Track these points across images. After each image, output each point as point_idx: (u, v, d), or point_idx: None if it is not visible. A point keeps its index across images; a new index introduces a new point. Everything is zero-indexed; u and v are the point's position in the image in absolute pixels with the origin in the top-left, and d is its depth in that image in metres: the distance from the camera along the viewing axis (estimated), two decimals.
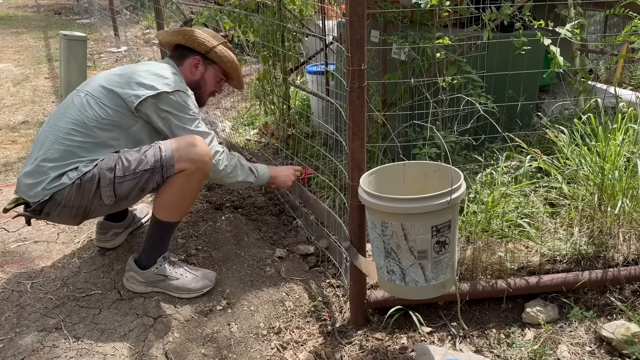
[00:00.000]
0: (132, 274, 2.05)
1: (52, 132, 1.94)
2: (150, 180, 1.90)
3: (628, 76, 4.22)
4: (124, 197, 1.91)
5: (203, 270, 2.13)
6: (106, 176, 1.87)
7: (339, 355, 1.84)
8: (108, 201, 1.89)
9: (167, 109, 1.98)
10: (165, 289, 2.05)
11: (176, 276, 2.05)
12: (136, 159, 1.90)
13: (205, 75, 2.24)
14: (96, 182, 1.87)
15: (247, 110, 4.34)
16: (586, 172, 2.20)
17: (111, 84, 1.99)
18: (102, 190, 1.87)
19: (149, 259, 2.05)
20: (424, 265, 1.61)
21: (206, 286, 2.08)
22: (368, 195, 1.61)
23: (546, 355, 1.75)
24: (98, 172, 1.87)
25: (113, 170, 1.88)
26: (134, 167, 1.88)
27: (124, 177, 1.88)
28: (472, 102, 2.05)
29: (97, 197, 1.89)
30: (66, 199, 1.87)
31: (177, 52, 2.21)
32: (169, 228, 2.04)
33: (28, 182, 1.89)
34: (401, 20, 2.57)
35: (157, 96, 1.96)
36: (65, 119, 1.95)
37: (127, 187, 1.89)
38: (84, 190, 1.87)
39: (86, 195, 1.88)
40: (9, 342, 1.83)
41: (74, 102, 1.99)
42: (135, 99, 1.94)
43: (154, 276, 2.04)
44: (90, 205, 1.90)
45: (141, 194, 1.95)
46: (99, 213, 2.00)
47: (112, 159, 1.90)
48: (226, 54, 2.26)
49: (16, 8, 12.72)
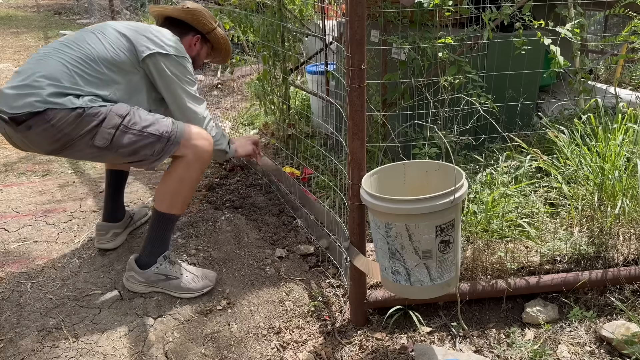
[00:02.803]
0: (132, 273, 2.05)
1: (57, 56, 1.90)
2: (149, 145, 1.91)
3: (628, 76, 4.22)
4: (115, 148, 1.89)
5: (203, 270, 2.13)
6: (113, 119, 1.86)
7: (339, 355, 1.84)
8: (100, 143, 1.86)
9: (173, 71, 2.03)
10: (165, 289, 2.05)
11: (176, 276, 2.05)
12: (148, 120, 1.93)
13: (200, 52, 2.33)
14: (99, 119, 1.84)
15: (247, 110, 4.34)
16: (586, 172, 2.20)
17: (125, 31, 2.03)
18: (101, 130, 1.85)
19: (149, 257, 2.05)
20: (429, 265, 1.61)
21: (206, 286, 2.08)
22: (371, 197, 1.61)
23: (546, 355, 1.75)
24: (106, 112, 1.86)
25: (123, 117, 1.88)
26: (143, 125, 1.91)
27: (129, 128, 1.88)
28: (472, 102, 2.05)
29: (90, 135, 1.85)
30: (59, 120, 1.80)
31: (178, 27, 2.25)
32: (170, 222, 2.05)
33: (17, 93, 1.81)
34: (401, 20, 2.57)
35: (166, 56, 2.02)
36: (75, 49, 1.93)
37: (127, 140, 1.88)
38: (82, 121, 1.83)
39: (81, 127, 1.83)
40: (9, 342, 1.83)
41: (84, 37, 1.99)
42: (146, 50, 1.99)
43: (154, 276, 2.04)
44: (76, 140, 1.85)
45: (132, 155, 1.93)
46: (79, 153, 1.94)
47: (124, 108, 1.91)
48: (223, 35, 2.37)
49: (16, 8, 12.72)
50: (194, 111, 2.09)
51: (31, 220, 2.61)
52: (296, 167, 3.05)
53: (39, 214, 2.67)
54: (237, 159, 3.36)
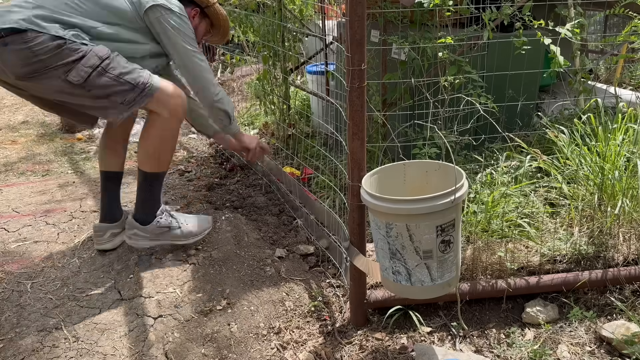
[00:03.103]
0: (134, 231, 2.13)
1: None
2: (122, 93, 1.92)
3: (628, 76, 4.22)
4: (87, 88, 1.89)
5: (198, 216, 2.27)
6: (92, 59, 1.86)
7: (339, 355, 1.84)
8: (74, 79, 1.85)
9: (176, 26, 2.05)
10: (170, 239, 2.17)
11: (178, 225, 2.17)
12: (127, 68, 1.93)
13: (198, 27, 2.33)
14: (79, 56, 1.84)
15: (247, 110, 4.34)
16: (586, 172, 2.20)
17: None
18: (78, 67, 1.84)
19: (147, 215, 2.13)
20: (430, 265, 1.61)
21: (207, 228, 2.25)
22: (372, 198, 1.61)
23: (546, 355, 1.75)
24: (87, 50, 1.85)
25: (102, 60, 1.87)
26: (121, 71, 1.91)
27: (106, 72, 1.88)
28: (472, 102, 2.05)
29: (66, 69, 1.84)
30: (37, 45, 1.79)
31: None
32: (157, 180, 2.14)
33: (4, 10, 1.82)
34: (401, 20, 2.57)
35: (169, 11, 2.04)
36: None
37: (101, 82, 1.88)
38: (60, 52, 1.82)
39: (57, 59, 1.82)
40: (9, 342, 1.83)
41: None
42: (150, 1, 2.01)
43: (157, 229, 2.13)
44: (50, 70, 1.83)
45: (102, 99, 1.93)
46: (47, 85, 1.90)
47: (105, 50, 1.90)
48: (222, 12, 2.38)
49: None
50: (200, 65, 2.12)
51: (31, 220, 2.61)
52: (296, 167, 3.05)
53: (39, 214, 2.67)
54: (237, 159, 3.36)
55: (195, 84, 2.16)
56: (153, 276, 2.12)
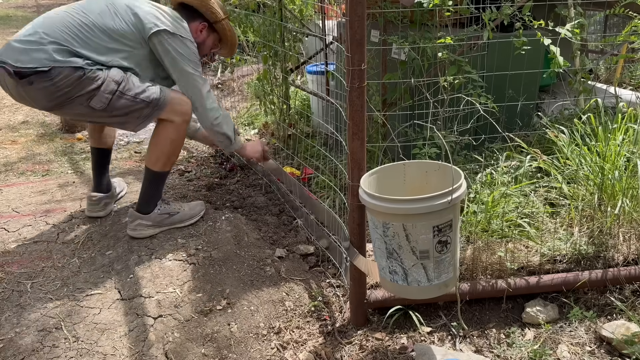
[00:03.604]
0: (138, 221, 2.30)
1: (62, 18, 2.04)
2: (139, 110, 2.12)
3: (628, 76, 4.22)
4: (110, 111, 2.07)
5: (191, 203, 2.48)
6: (111, 85, 2.03)
7: (339, 355, 1.84)
8: (98, 105, 2.03)
9: (179, 50, 2.16)
10: (172, 224, 2.36)
11: (177, 211, 2.38)
12: (140, 87, 2.10)
13: (206, 40, 2.41)
14: (98, 84, 2.00)
15: (247, 110, 4.34)
16: (586, 172, 2.20)
17: (135, 6, 2.15)
18: (99, 94, 2.02)
19: (148, 206, 2.32)
20: (426, 265, 1.61)
21: (202, 210, 2.48)
22: (369, 197, 1.61)
23: (546, 355, 1.75)
24: (104, 77, 2.02)
25: (119, 83, 2.05)
26: (135, 92, 2.09)
27: (124, 94, 2.06)
28: (472, 102, 2.05)
29: (88, 97, 2.01)
30: (61, 79, 1.94)
31: (187, 11, 2.34)
32: (164, 177, 2.37)
33: (22, 47, 1.95)
34: (401, 20, 2.57)
35: (172, 35, 2.14)
36: (80, 14, 2.06)
37: (122, 104, 2.07)
38: (82, 82, 1.98)
39: (80, 88, 1.98)
40: (9, 342, 1.83)
41: (92, 5, 2.12)
42: (154, 27, 2.11)
43: (159, 216, 2.32)
44: (75, 99, 2.01)
45: (122, 117, 2.13)
46: (74, 113, 2.10)
47: (120, 74, 2.06)
48: (230, 28, 2.46)
49: (16, 8, 12.72)
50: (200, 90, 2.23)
51: (31, 220, 2.61)
52: (296, 167, 3.05)
53: (39, 214, 2.67)
54: (237, 159, 3.36)
55: (195, 106, 2.26)
56: (153, 276, 2.12)
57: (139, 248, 2.29)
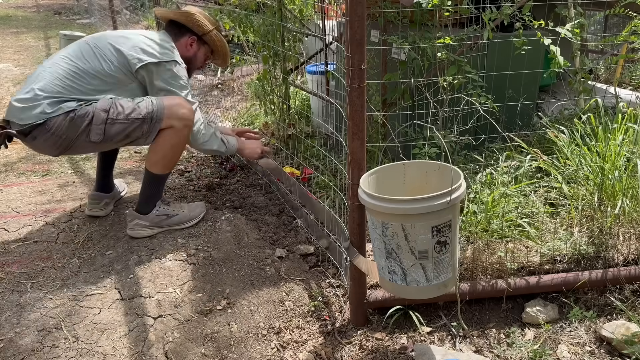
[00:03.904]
0: (136, 221, 2.31)
1: (53, 70, 2.12)
2: (137, 128, 2.14)
3: (628, 76, 4.22)
4: (110, 138, 2.13)
5: (191, 204, 2.48)
6: (100, 115, 2.08)
7: (339, 355, 1.84)
8: (95, 138, 2.10)
9: (164, 76, 2.23)
10: (169, 226, 2.36)
11: (175, 212, 2.37)
12: (130, 107, 2.13)
13: (197, 54, 2.48)
14: (89, 119, 2.07)
15: (247, 110, 4.34)
16: (586, 172, 2.20)
17: (119, 44, 2.21)
18: (93, 128, 2.07)
19: (147, 206, 2.33)
20: (425, 265, 1.61)
21: (202, 212, 2.46)
22: (368, 197, 1.61)
23: (546, 355, 1.75)
24: (92, 110, 2.08)
25: (107, 111, 2.09)
26: (127, 113, 2.12)
27: (116, 119, 2.10)
28: (472, 102, 2.05)
29: (85, 134, 2.08)
30: (57, 128, 2.04)
31: (175, 28, 2.42)
32: (163, 179, 2.39)
33: (21, 106, 2.05)
34: (401, 20, 2.57)
35: (157, 64, 2.21)
36: (69, 63, 2.15)
37: (117, 130, 2.12)
38: (74, 123, 2.06)
39: (75, 129, 2.07)
40: (9, 342, 1.83)
41: (80, 50, 2.20)
42: (139, 62, 2.19)
43: (157, 217, 2.32)
44: (76, 140, 2.10)
45: (125, 139, 2.17)
46: (82, 149, 2.23)
47: (107, 102, 2.12)
48: (220, 39, 2.51)
49: (16, 8, 12.72)
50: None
51: (31, 220, 2.61)
52: (296, 167, 3.05)
53: (39, 214, 2.67)
54: (237, 159, 3.37)
55: None
56: (153, 276, 2.12)
57: (139, 248, 2.29)
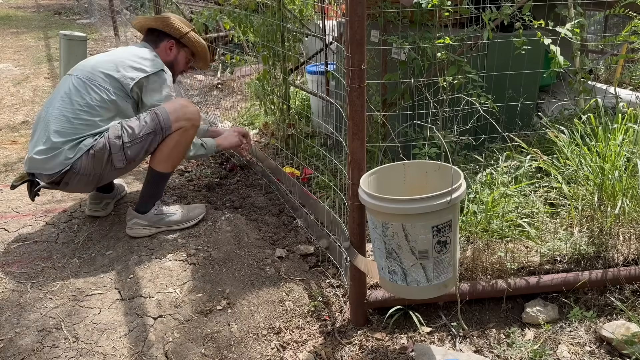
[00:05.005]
0: (135, 220, 2.33)
1: (59, 114, 2.17)
2: (153, 141, 2.22)
3: (628, 76, 4.21)
4: (132, 159, 2.22)
5: (191, 205, 2.50)
6: (116, 144, 2.16)
7: (339, 355, 1.84)
8: (120, 165, 2.19)
9: (152, 86, 2.30)
10: (167, 226, 2.37)
11: (174, 212, 2.40)
12: (138, 126, 2.19)
13: (177, 57, 2.54)
14: (108, 150, 2.15)
15: (247, 110, 4.34)
16: (586, 172, 2.20)
17: (108, 69, 2.26)
18: (114, 157, 2.17)
19: (147, 205, 2.35)
20: (425, 265, 1.61)
21: (201, 213, 2.47)
22: (368, 197, 1.61)
23: (546, 355, 1.75)
24: (107, 141, 2.15)
25: (120, 137, 2.16)
26: (137, 132, 2.18)
27: (131, 142, 2.18)
28: (472, 102, 2.05)
29: (110, 164, 2.18)
30: (84, 168, 2.14)
31: (153, 36, 2.49)
32: (166, 178, 2.41)
33: (43, 157, 2.12)
34: (401, 20, 2.57)
35: (147, 77, 2.29)
36: (71, 102, 2.19)
37: (136, 151, 2.20)
38: (97, 159, 2.14)
39: (100, 164, 2.16)
40: (9, 342, 1.83)
41: (76, 87, 2.23)
42: (131, 81, 2.25)
43: (155, 216, 2.34)
44: (103, 172, 2.20)
45: (146, 154, 2.26)
46: (111, 177, 2.33)
47: (117, 129, 2.19)
48: (198, 39, 2.56)
49: (16, 8, 12.72)
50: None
51: (31, 220, 2.61)
52: (296, 167, 3.05)
53: (39, 214, 2.67)
54: (237, 159, 3.37)
55: None
56: (153, 276, 2.12)
57: (139, 248, 2.29)
